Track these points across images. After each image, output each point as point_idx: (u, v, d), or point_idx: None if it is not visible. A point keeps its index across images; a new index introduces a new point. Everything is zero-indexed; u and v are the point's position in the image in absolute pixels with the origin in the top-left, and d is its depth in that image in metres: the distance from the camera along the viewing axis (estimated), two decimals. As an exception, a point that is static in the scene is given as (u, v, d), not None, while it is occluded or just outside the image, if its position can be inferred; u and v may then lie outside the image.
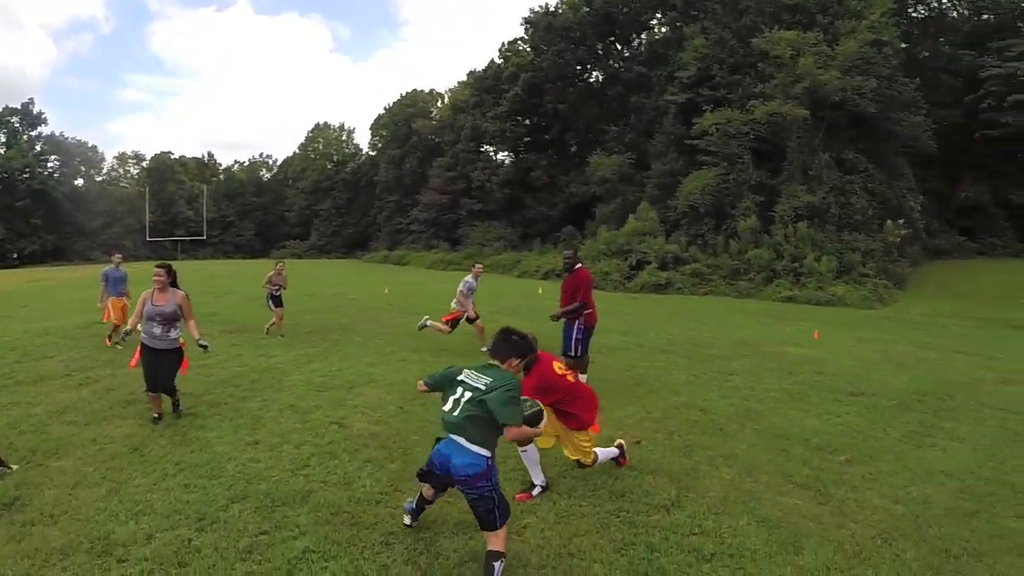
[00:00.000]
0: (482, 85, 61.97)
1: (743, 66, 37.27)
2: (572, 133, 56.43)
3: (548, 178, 55.63)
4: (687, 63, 39.61)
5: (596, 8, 50.75)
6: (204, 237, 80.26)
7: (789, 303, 27.35)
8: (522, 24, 56.72)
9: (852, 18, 33.44)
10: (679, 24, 44.64)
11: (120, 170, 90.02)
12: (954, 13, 43.10)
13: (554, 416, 5.55)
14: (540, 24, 53.93)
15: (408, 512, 4.84)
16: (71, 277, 36.90)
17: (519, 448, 5.40)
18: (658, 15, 51.17)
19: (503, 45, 61.41)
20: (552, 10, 54.03)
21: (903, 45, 37.10)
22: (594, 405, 5.76)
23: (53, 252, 72.76)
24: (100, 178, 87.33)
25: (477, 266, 13.66)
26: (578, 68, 55.33)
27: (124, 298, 12.46)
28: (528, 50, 57.73)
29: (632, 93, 49.76)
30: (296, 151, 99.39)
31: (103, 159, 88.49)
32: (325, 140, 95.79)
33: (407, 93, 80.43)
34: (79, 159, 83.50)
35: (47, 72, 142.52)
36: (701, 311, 22.91)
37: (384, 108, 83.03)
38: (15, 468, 5.75)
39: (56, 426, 7.12)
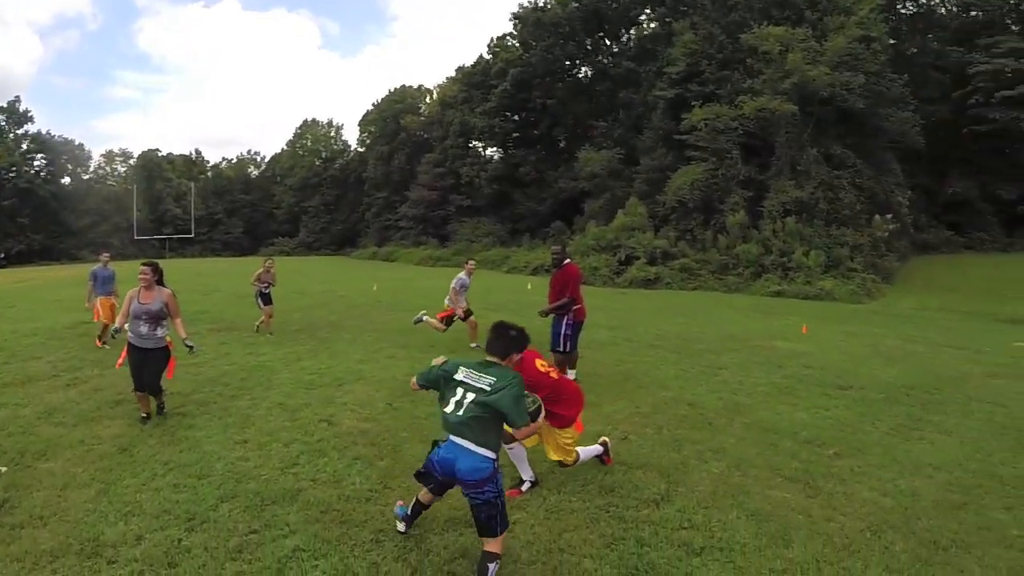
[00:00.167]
0: (471, 81, 61.84)
1: (732, 62, 37.32)
2: (561, 128, 56.40)
3: (537, 174, 55.58)
4: (676, 59, 39.57)
5: (585, 3, 50.80)
6: (192, 235, 79.85)
7: (777, 298, 27.41)
8: (511, 19, 56.79)
9: (841, 14, 33.48)
10: (668, 20, 44.61)
11: (107, 168, 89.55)
12: (942, 9, 43.33)
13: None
14: (529, 20, 53.85)
15: (401, 518, 4.70)
16: (58, 277, 36.70)
17: (505, 445, 5.31)
18: (647, 10, 51.18)
19: (492, 41, 61.34)
20: (541, 6, 54.03)
21: (891, 41, 37.16)
22: (579, 402, 5.69)
23: (40, 252, 72.36)
24: (87, 176, 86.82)
25: (470, 263, 13.53)
26: (567, 63, 55.34)
27: (112, 297, 12.38)
28: (517, 45, 57.64)
29: (621, 89, 49.79)
30: (284, 148, 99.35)
31: (90, 157, 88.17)
32: (313, 137, 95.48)
33: (395, 89, 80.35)
34: (66, 157, 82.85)
35: (33, 70, 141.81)
36: (690, 306, 22.93)
37: (372, 104, 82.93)
38: (4, 470, 5.73)
39: (44, 427, 7.08)
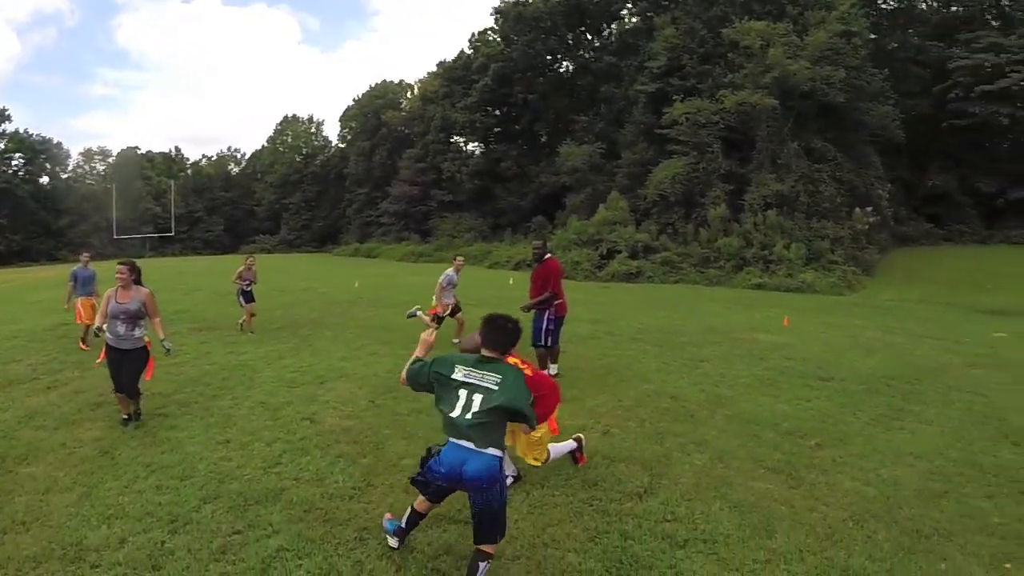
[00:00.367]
0: (452, 75, 61.55)
1: (713, 56, 37.45)
2: (542, 123, 56.24)
3: (518, 168, 55.46)
4: (657, 53, 39.57)
5: (567, -2, 50.64)
6: (172, 233, 78.87)
7: (759, 290, 27.50)
8: (492, 14, 56.50)
9: (822, 9, 33.67)
10: (649, 14, 44.64)
11: (86, 167, 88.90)
12: (923, 5, 43.67)
13: None
14: (510, 14, 53.65)
15: (393, 533, 4.47)
16: (38, 278, 36.44)
17: None
18: (628, 5, 51.15)
19: (473, 35, 61.10)
20: (522, 0, 53.74)
21: (872, 36, 37.38)
22: (555, 397, 5.63)
23: (19, 252, 71.53)
24: (66, 175, 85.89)
25: (458, 259, 13.34)
26: (548, 58, 55.22)
27: (93, 298, 12.21)
28: (498, 40, 57.34)
29: (602, 83, 49.72)
30: (265, 144, 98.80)
31: (68, 156, 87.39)
32: (294, 133, 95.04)
33: (376, 84, 79.97)
34: (44, 156, 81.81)
35: (10, 68, 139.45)
36: (672, 299, 22.98)
37: (353, 100, 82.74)
38: None
39: (25, 431, 6.97)
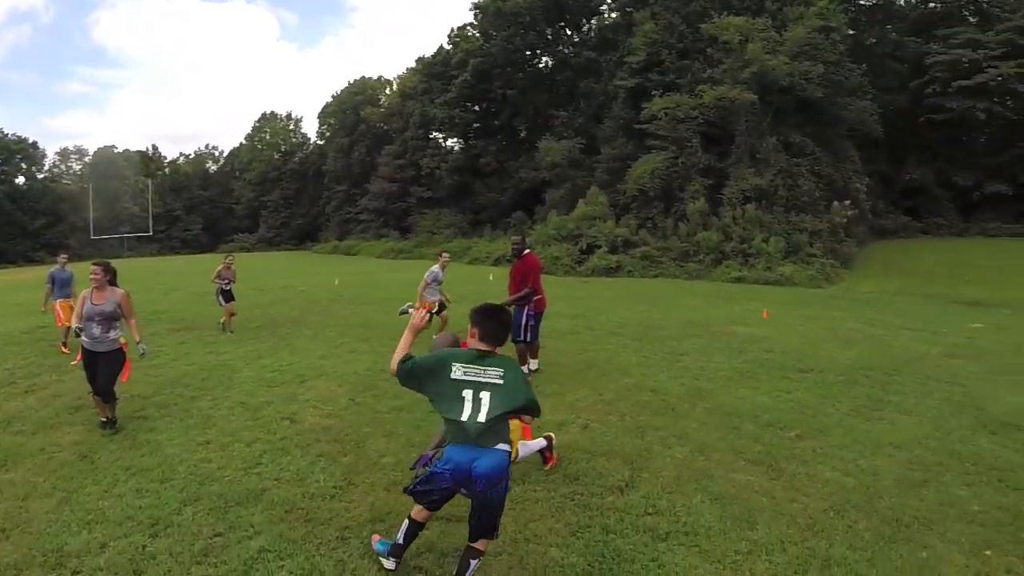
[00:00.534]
0: (431, 71, 61.41)
1: (692, 51, 37.55)
2: (521, 119, 56.23)
3: (498, 164, 55.43)
4: (636, 48, 39.62)
5: (546, -7, 50.59)
6: (150, 233, 77.92)
7: (738, 284, 27.62)
8: (471, 10, 56.28)
9: (800, 4, 33.84)
10: (629, 9, 44.53)
11: (62, 167, 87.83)
12: (901, 1, 44.14)
13: None
14: (489, 10, 53.45)
15: (388, 554, 4.18)
16: (14, 280, 36.01)
17: None
18: (608, 0, 51.16)
19: (452, 31, 60.68)
20: (502, -5, 53.64)
21: (850, 32, 37.70)
22: None
23: (-6, 255, 70.40)
24: (42, 176, 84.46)
25: (444, 255, 13.24)
26: (527, 54, 55.13)
27: (71, 300, 12.04)
28: (477, 36, 57.21)
29: (581, 78, 49.80)
30: (243, 142, 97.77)
31: (44, 156, 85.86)
32: (272, 130, 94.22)
33: (355, 80, 79.59)
34: (20, 157, 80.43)
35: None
36: (651, 293, 23.00)
37: (332, 96, 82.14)
38: None
39: (3, 436, 6.86)
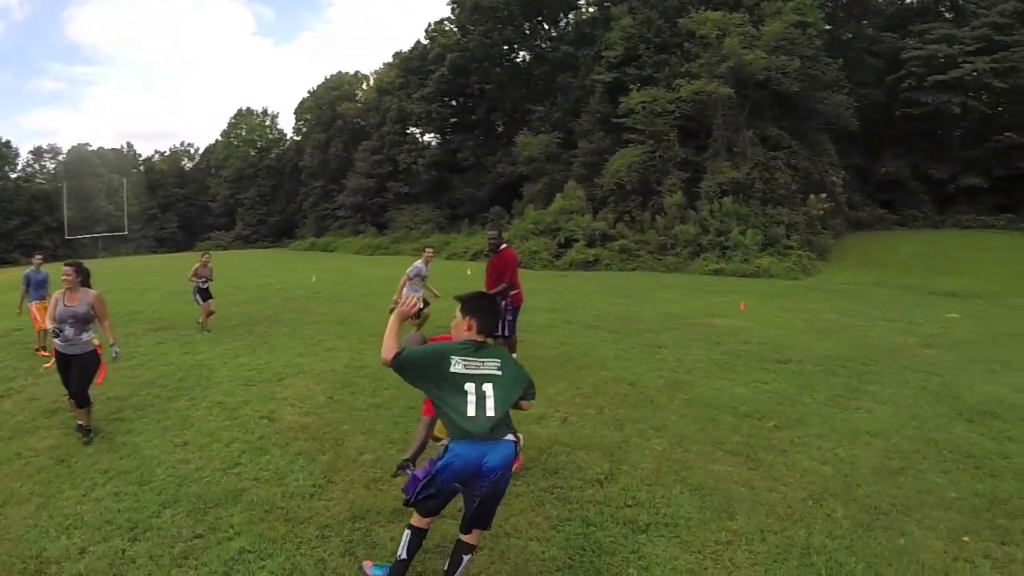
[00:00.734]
0: (408, 66, 61.28)
1: (669, 46, 37.64)
2: (499, 113, 56.18)
3: (475, 159, 55.36)
4: (614, 43, 39.60)
5: (523, -13, 50.50)
6: (126, 232, 76.83)
7: (716, 276, 27.71)
8: (449, 4, 56.13)
9: (778, 0, 33.92)
10: (606, 4, 44.60)
11: (36, 166, 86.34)
12: (878, -3, 44.29)
13: None
14: (467, 4, 53.24)
15: None
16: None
17: (439, 443, 4.98)
18: (586, -6, 51.10)
19: (429, 25, 60.63)
20: (479, -10, 53.48)
21: (827, 27, 37.82)
22: None
23: (-32, 257, 69.17)
24: (15, 175, 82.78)
25: (428, 250, 12.97)
26: (505, 48, 55.03)
27: (46, 301, 11.84)
28: (454, 30, 57.08)
29: (559, 73, 49.78)
30: (218, 138, 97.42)
31: (17, 155, 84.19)
32: (248, 126, 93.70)
33: (332, 76, 79.28)
34: (-8, 156, 79.33)
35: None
36: (629, 286, 23.06)
37: (308, 92, 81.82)
38: None
39: None
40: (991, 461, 5.85)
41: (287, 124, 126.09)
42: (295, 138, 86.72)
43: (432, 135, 62.42)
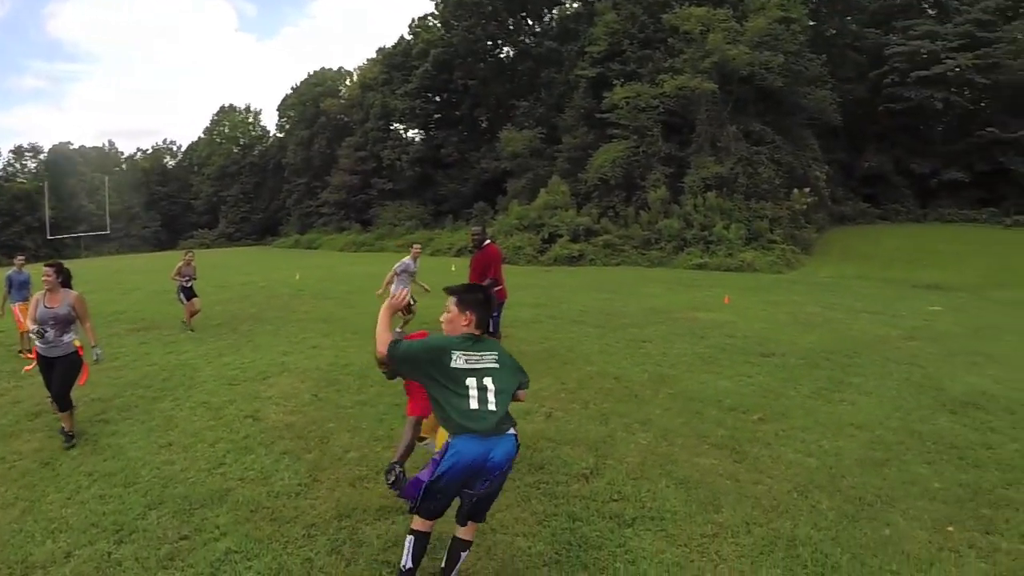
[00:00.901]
0: (391, 62, 60.96)
1: (653, 41, 37.62)
2: (483, 109, 56.01)
3: (459, 154, 55.17)
4: (598, 38, 39.61)
5: (507, -17, 50.38)
6: (108, 232, 75.84)
7: (700, 270, 27.81)
8: (432, -1, 55.90)
9: (762, -5, 34.03)
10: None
11: (16, 165, 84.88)
12: (861, -8, 44.51)
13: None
14: (451, -1, 53.23)
15: None
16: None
17: (423, 443, 5.04)
18: (569, -10, 51.06)
19: (413, 21, 60.27)
20: (463, -15, 53.28)
21: (811, 23, 38.12)
22: None
23: (-53, 258, 68.30)
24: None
25: (415, 246, 12.94)
26: (489, 44, 54.82)
27: (28, 303, 11.70)
28: (438, 26, 56.93)
29: (543, 68, 49.67)
30: (201, 136, 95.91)
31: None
32: (231, 123, 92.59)
33: (315, 72, 78.46)
34: (-28, 155, 78.19)
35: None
36: (613, 281, 23.08)
37: (291, 88, 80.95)
38: None
39: None
40: (974, 452, 5.89)
41: (270, 121, 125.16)
42: (278, 135, 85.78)
43: (416, 131, 62.12)
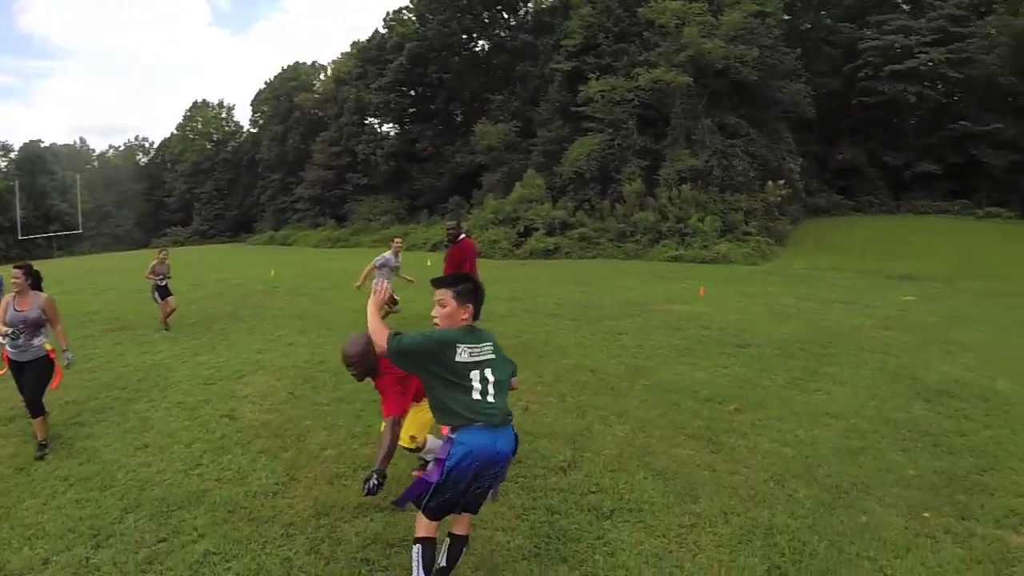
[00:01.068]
0: (366, 56, 60.54)
1: (629, 35, 37.70)
2: (457, 103, 55.93)
3: (434, 149, 54.95)
4: (573, 31, 39.57)
5: (482, -24, 50.22)
6: (80, 231, 74.61)
7: (675, 263, 27.92)
8: (407, -8, 55.59)
9: (737, -11, 34.14)
10: (566, -7, 44.57)
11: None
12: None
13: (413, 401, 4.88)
14: (426, -8, 52.93)
15: None
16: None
17: (415, 453, 5.07)
18: (545, -17, 50.93)
19: (388, 15, 59.83)
20: (438, -21, 53.02)
21: (786, 17, 38.47)
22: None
23: (-83, 261, 66.99)
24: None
25: (396, 240, 12.79)
26: (464, 37, 54.65)
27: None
28: (413, 19, 56.65)
29: (518, 62, 49.62)
30: (174, 132, 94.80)
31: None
32: (204, 119, 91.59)
33: (289, 66, 77.82)
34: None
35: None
36: (589, 274, 23.10)
37: (265, 83, 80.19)
38: None
39: None
40: (948, 439, 5.97)
41: (243, 116, 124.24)
42: (252, 130, 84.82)
43: (391, 125, 61.83)
